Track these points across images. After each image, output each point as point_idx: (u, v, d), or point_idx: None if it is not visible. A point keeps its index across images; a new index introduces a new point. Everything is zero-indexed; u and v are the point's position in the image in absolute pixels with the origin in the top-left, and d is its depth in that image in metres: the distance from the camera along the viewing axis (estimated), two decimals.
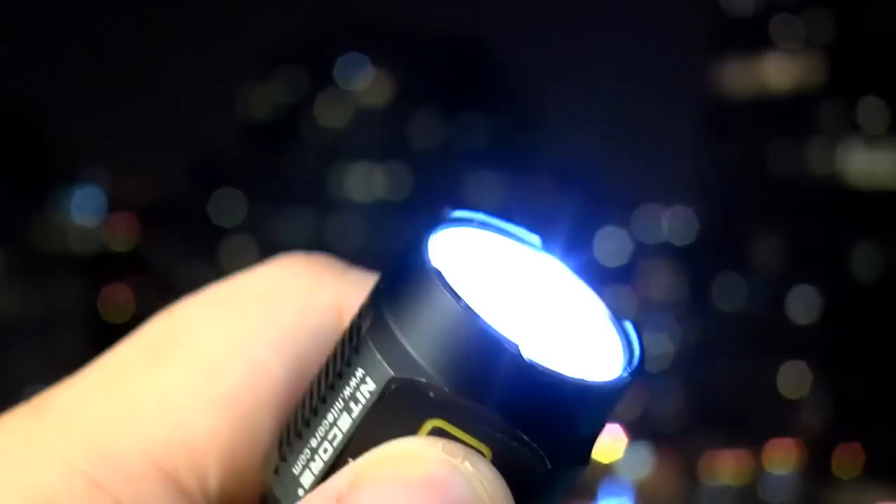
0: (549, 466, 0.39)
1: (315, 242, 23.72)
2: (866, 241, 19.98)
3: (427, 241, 0.40)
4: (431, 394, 0.39)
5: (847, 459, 18.30)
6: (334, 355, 0.41)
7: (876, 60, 19.94)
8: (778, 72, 21.58)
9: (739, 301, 21.40)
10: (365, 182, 26.41)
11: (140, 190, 25.43)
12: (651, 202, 24.66)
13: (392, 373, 0.39)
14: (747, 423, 18.98)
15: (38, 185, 22.22)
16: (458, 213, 0.42)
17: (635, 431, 18.84)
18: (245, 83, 28.19)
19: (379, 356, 0.39)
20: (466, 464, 0.39)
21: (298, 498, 0.41)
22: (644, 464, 18.39)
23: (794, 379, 19.97)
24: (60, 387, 0.45)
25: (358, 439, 0.40)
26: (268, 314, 0.46)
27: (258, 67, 28.26)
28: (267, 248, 24.65)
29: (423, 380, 0.39)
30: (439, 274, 0.39)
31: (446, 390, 0.39)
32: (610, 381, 0.40)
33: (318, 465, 0.41)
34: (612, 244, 23.56)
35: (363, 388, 0.40)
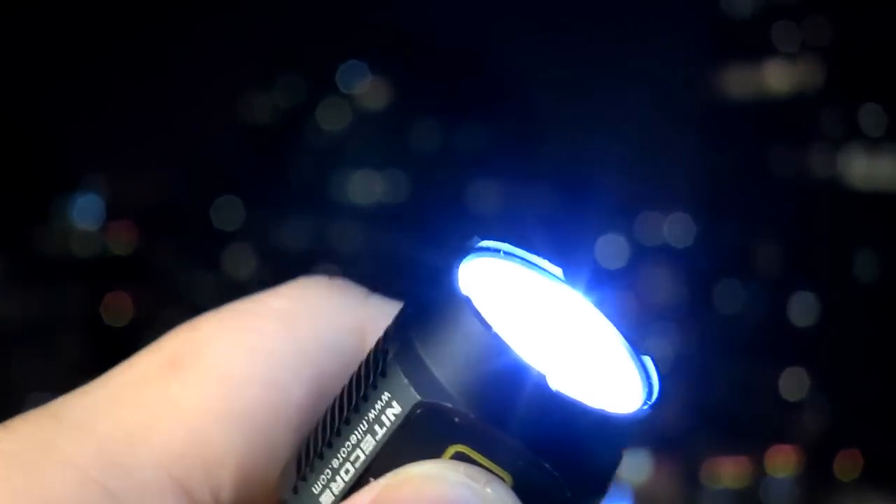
0: (569, 495, 0.40)
1: (316, 247, 23.69)
2: (867, 246, 19.96)
3: (457, 269, 0.40)
4: (456, 419, 0.39)
5: (847, 464, 18.29)
6: (359, 378, 0.42)
7: (877, 64, 19.93)
8: (778, 76, 21.57)
9: (739, 305, 21.39)
10: (365, 187, 26.40)
11: (141, 196, 25.42)
12: (651, 206, 24.64)
13: (419, 397, 0.39)
14: (747, 427, 18.97)
15: (39, 190, 22.20)
16: (485, 243, 0.42)
17: (635, 435, 18.79)
18: (245, 89, 28.18)
19: (406, 380, 0.40)
20: (488, 489, 0.39)
21: None
22: (643, 468, 18.37)
23: (794, 383, 19.96)
24: (76, 394, 0.46)
25: (380, 461, 0.40)
26: (289, 333, 0.47)
27: (258, 73, 28.25)
28: (268, 254, 24.65)
29: (449, 405, 0.39)
30: (469, 302, 0.39)
31: (471, 416, 0.39)
32: (632, 414, 0.41)
33: (338, 486, 0.41)
34: (611, 248, 23.54)
35: (388, 411, 0.40)
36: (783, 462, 18.63)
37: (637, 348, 0.42)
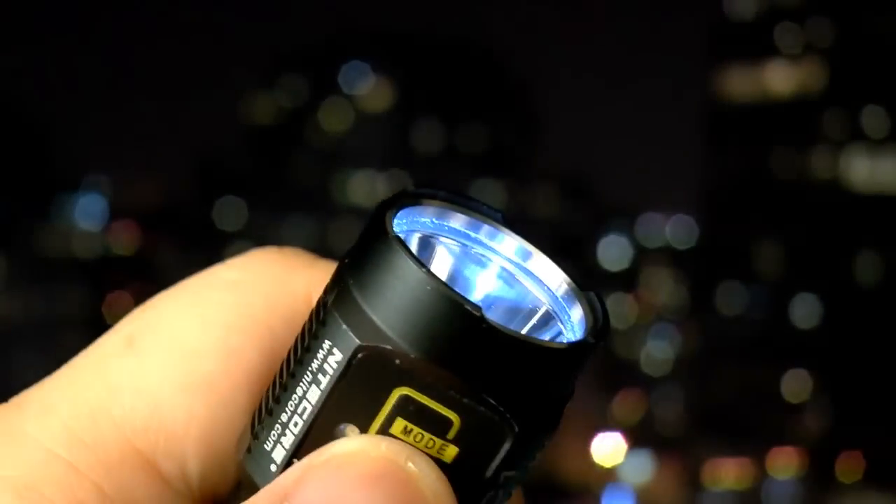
0: (516, 430, 0.39)
1: (317, 248, 23.70)
2: (868, 247, 19.96)
3: (388, 213, 0.40)
4: (397, 361, 0.38)
5: (849, 466, 18.29)
6: (303, 332, 0.41)
7: (879, 66, 19.93)
8: (780, 78, 21.57)
9: (741, 307, 21.39)
10: (367, 188, 26.42)
11: (143, 196, 25.44)
12: (653, 208, 24.66)
13: (358, 341, 0.39)
14: (749, 428, 18.97)
15: (41, 190, 22.22)
16: (421, 189, 0.42)
17: (637, 437, 18.82)
18: (248, 89, 28.20)
19: (345, 326, 0.39)
20: (409, 464, 0.39)
21: (271, 473, 0.41)
22: (645, 469, 18.38)
23: (796, 385, 19.96)
24: (39, 383, 0.46)
25: (327, 411, 0.40)
26: (241, 301, 0.47)
27: (261, 73, 28.28)
28: None
29: (389, 347, 0.39)
30: (400, 241, 0.39)
31: (412, 356, 0.38)
32: (572, 343, 0.40)
33: (289, 440, 0.41)
34: (614, 250, 23.57)
35: (330, 359, 0.40)
36: (785, 463, 18.63)
37: (580, 284, 0.42)
